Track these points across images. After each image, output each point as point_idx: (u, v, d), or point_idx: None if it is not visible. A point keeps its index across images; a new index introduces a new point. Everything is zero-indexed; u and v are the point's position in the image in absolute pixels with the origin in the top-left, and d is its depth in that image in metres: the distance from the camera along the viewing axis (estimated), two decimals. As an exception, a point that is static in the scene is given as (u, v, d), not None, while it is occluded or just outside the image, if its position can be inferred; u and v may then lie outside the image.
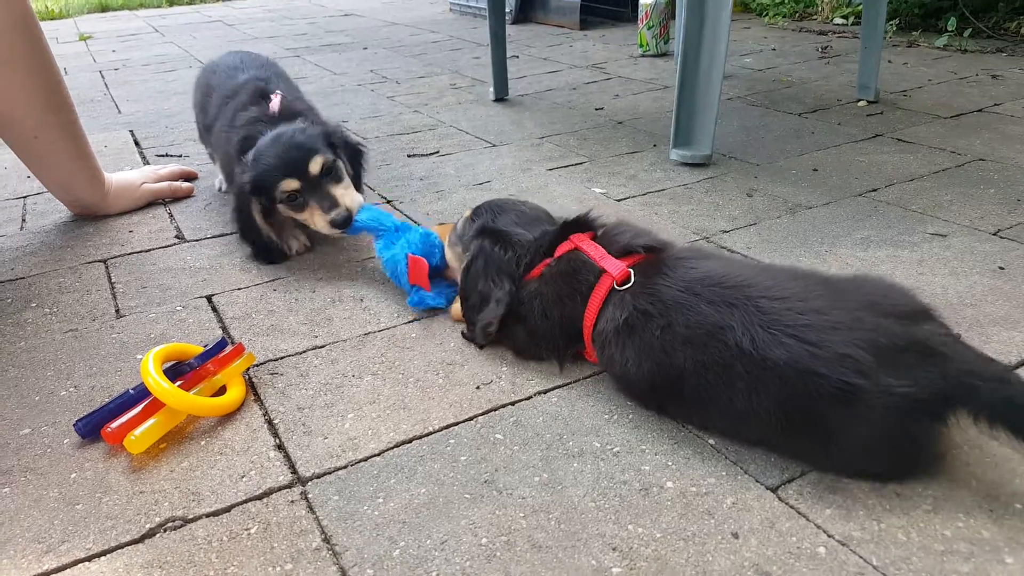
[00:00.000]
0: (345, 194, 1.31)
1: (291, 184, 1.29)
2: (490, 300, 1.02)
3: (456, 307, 1.11)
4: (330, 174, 1.32)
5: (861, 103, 2.22)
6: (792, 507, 0.75)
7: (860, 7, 3.45)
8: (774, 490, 0.77)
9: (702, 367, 0.81)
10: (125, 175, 1.65)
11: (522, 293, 1.01)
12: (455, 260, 1.13)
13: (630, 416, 0.90)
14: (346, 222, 1.28)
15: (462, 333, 1.09)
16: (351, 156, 1.41)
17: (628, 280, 0.91)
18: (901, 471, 0.78)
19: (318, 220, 1.30)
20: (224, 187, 1.70)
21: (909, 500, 0.75)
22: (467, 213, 1.14)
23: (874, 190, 1.56)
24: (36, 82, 1.36)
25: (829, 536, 0.71)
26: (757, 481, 0.78)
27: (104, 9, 5.82)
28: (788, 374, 0.75)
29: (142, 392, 0.92)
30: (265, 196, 1.32)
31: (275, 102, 1.42)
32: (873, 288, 0.83)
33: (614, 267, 0.93)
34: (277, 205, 1.33)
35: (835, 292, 0.81)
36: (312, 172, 1.29)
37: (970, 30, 2.99)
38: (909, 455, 0.76)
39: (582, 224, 1.03)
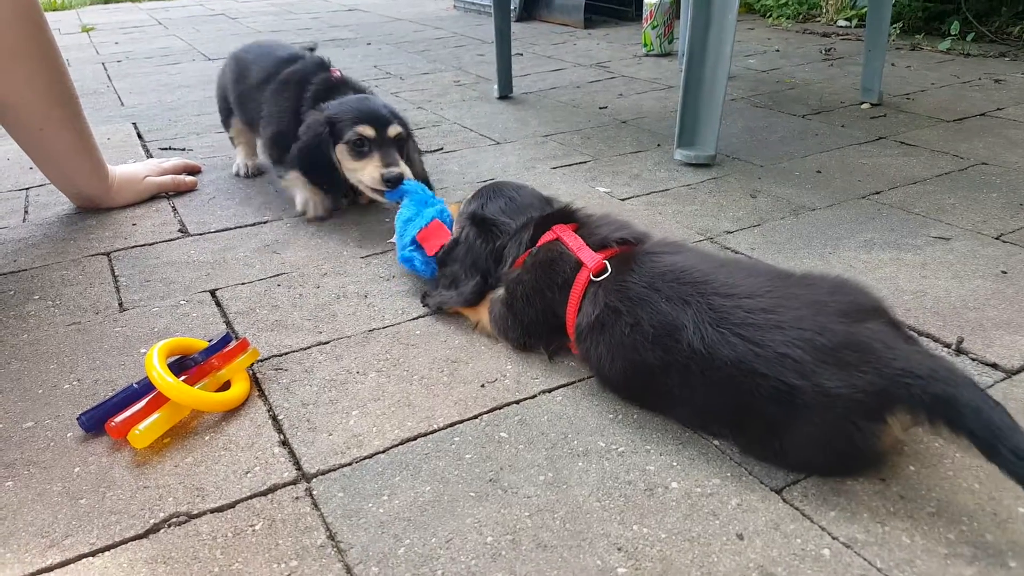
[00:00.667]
0: (402, 163, 1.41)
1: (367, 130, 1.39)
2: (459, 285, 1.09)
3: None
4: (398, 144, 1.43)
5: (864, 105, 2.22)
6: (797, 509, 0.75)
7: (864, 9, 3.45)
8: (779, 492, 0.77)
9: (667, 366, 0.82)
10: (128, 168, 1.65)
11: (508, 279, 1.04)
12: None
13: (635, 416, 0.90)
14: (397, 181, 1.35)
15: (424, 294, 1.16)
16: (413, 150, 1.53)
17: (604, 271, 0.93)
18: (846, 470, 0.79)
19: (371, 170, 1.38)
20: (242, 171, 1.77)
21: (913, 503, 0.75)
22: (471, 195, 1.19)
23: (877, 192, 1.56)
24: (41, 74, 1.36)
25: (834, 538, 0.71)
26: (762, 483, 0.78)
27: (107, 1, 5.80)
28: (735, 374, 0.77)
29: (146, 386, 0.92)
30: (333, 136, 1.40)
31: (336, 73, 1.52)
32: (824, 286, 0.83)
33: (590, 258, 0.95)
34: (339, 146, 1.41)
35: (785, 290, 0.82)
36: (389, 133, 1.41)
37: (973, 34, 2.99)
38: (851, 454, 0.76)
39: (565, 215, 1.06)
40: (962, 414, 0.68)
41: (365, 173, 1.39)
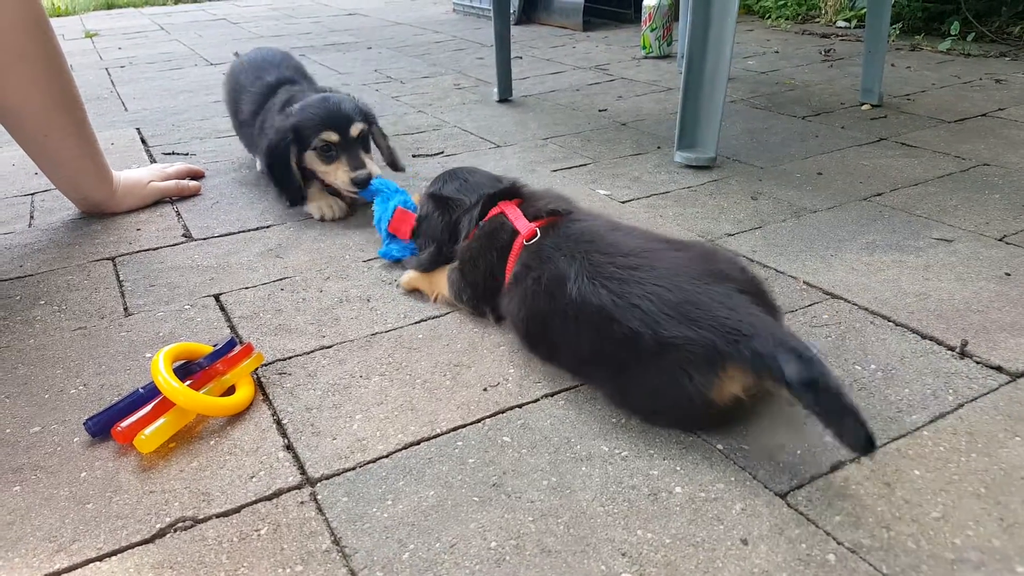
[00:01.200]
0: (370, 162, 1.50)
1: (331, 136, 1.46)
2: (424, 254, 1.22)
3: (405, 277, 1.25)
4: (363, 142, 1.51)
5: (865, 107, 2.22)
6: (801, 513, 0.75)
7: (863, 10, 3.45)
8: (783, 496, 0.77)
9: (552, 313, 0.94)
10: (133, 173, 1.66)
11: (460, 250, 1.15)
12: None
13: (637, 420, 0.90)
14: (365, 183, 1.44)
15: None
16: (379, 136, 1.61)
17: (535, 238, 1.03)
18: (687, 422, 0.87)
19: (341, 175, 1.47)
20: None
21: (918, 507, 0.75)
22: (432, 180, 1.28)
23: (879, 194, 1.56)
24: (48, 80, 1.37)
25: (839, 543, 0.71)
26: (766, 487, 0.79)
27: (110, 6, 5.82)
28: (596, 320, 0.87)
29: (152, 391, 0.92)
30: (300, 143, 1.47)
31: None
32: (694, 253, 0.92)
33: (523, 227, 1.06)
34: (307, 152, 1.49)
35: (657, 253, 0.91)
36: (352, 134, 1.48)
37: (973, 34, 2.99)
38: (686, 406, 0.83)
39: (511, 192, 1.17)
40: (780, 367, 0.75)
41: (336, 177, 1.48)
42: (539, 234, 1.03)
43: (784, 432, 0.87)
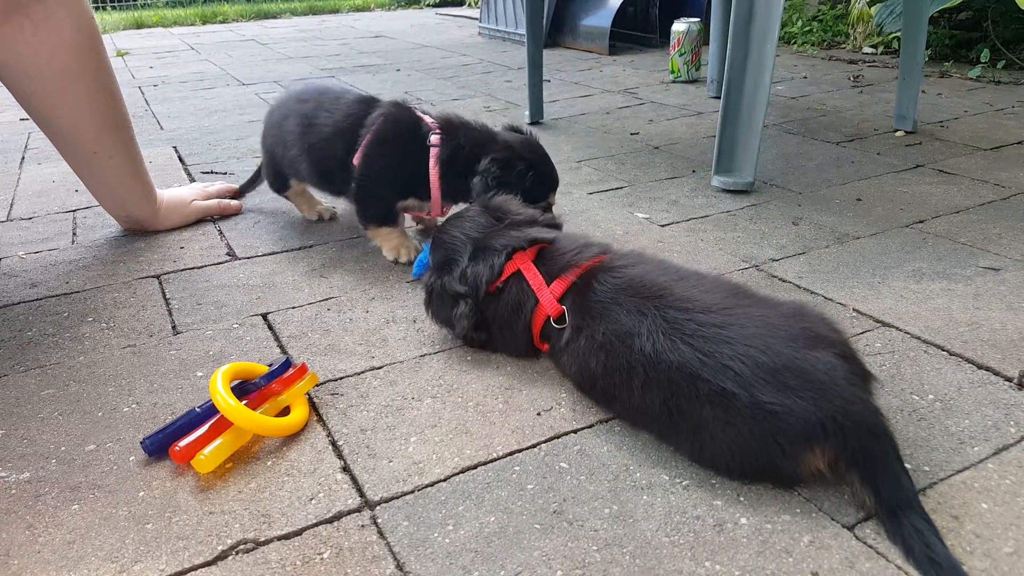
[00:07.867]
0: None
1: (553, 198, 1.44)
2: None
3: None
4: None
5: (899, 133, 2.21)
6: (870, 547, 0.74)
7: (891, 36, 3.46)
8: (851, 528, 0.76)
9: (611, 368, 0.90)
10: (176, 192, 1.68)
11: (484, 302, 1.07)
12: None
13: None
14: None
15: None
16: None
17: (563, 316, 0.99)
18: (762, 480, 0.83)
19: None
20: (326, 217, 1.68)
21: (990, 542, 0.74)
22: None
23: (921, 221, 1.55)
24: (99, 99, 1.39)
25: (914, 578, 0.70)
26: (832, 519, 0.77)
27: (139, 26, 5.94)
28: (677, 377, 0.83)
29: (208, 411, 0.92)
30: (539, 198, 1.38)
31: (435, 138, 1.38)
32: (781, 310, 0.87)
33: (549, 302, 1.00)
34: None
35: (741, 309, 0.86)
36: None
37: (1003, 62, 2.98)
38: (768, 472, 0.81)
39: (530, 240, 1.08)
40: (876, 474, 0.75)
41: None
42: (566, 309, 0.98)
43: (846, 463, 0.85)
